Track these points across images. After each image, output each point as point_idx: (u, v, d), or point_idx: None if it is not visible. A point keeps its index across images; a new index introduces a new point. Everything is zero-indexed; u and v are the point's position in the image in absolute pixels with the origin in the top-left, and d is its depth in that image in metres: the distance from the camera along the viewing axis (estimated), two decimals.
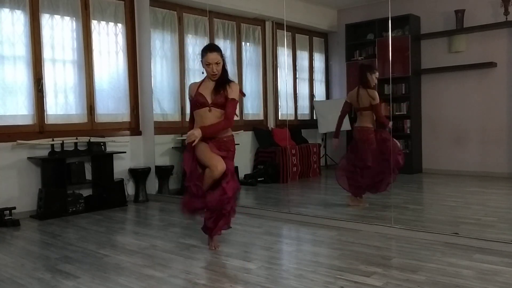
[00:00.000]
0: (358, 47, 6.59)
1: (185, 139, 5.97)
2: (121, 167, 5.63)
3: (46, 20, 5.07)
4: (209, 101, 3.33)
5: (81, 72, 5.36)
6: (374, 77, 4.75)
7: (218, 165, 3.24)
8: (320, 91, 7.30)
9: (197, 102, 3.36)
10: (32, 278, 2.96)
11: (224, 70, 3.40)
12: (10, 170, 4.77)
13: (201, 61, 3.36)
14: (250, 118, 7.02)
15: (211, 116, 3.33)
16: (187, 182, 3.46)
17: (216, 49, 3.34)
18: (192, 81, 6.30)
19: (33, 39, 4.94)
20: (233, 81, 3.42)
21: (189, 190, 3.44)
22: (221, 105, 3.33)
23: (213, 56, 3.29)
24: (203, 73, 3.45)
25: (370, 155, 4.71)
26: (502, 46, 5.57)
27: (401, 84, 6.21)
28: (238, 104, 3.41)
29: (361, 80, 4.79)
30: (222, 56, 3.35)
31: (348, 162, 4.92)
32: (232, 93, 3.34)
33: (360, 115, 4.81)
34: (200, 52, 3.39)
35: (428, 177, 6.27)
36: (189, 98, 3.54)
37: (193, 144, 3.25)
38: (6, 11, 4.78)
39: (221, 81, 3.36)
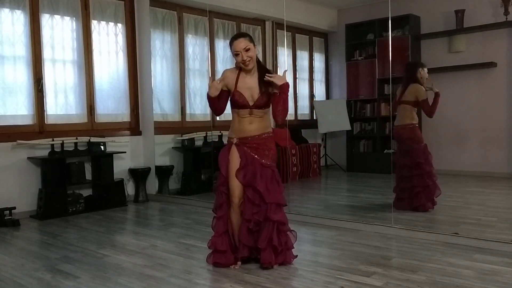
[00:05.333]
0: (358, 47, 6.59)
1: (185, 139, 6.07)
2: (121, 167, 5.63)
3: (46, 20, 5.07)
4: (250, 101, 2.98)
5: (81, 72, 5.35)
6: (426, 73, 4.66)
7: (235, 194, 2.98)
8: (320, 91, 7.30)
9: (237, 103, 3.00)
10: (32, 278, 2.96)
11: (259, 62, 3.06)
12: (10, 170, 4.77)
13: (231, 53, 3.02)
14: None
15: (250, 118, 3.00)
16: (219, 185, 3.09)
17: (243, 35, 2.98)
18: (191, 81, 6.43)
19: (33, 39, 4.94)
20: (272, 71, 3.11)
21: (217, 195, 3.11)
22: (264, 105, 3.00)
23: (240, 44, 2.93)
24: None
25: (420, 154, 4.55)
26: (502, 46, 5.56)
27: (401, 84, 6.20)
28: None
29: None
30: (252, 42, 2.96)
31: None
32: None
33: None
34: (229, 42, 3.02)
35: None
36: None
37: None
38: (6, 11, 4.78)
39: (264, 74, 2.99)
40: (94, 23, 5.48)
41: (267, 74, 2.97)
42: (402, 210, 4.34)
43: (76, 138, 5.16)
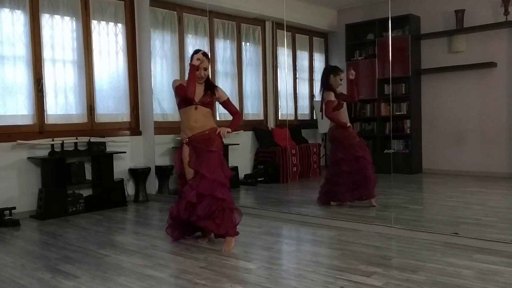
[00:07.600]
0: (358, 47, 6.60)
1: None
2: (121, 167, 5.63)
3: (46, 20, 5.07)
4: (196, 100, 3.56)
5: (81, 72, 5.36)
6: (338, 79, 4.94)
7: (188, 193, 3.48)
8: (320, 91, 7.30)
9: (185, 100, 3.57)
10: (32, 278, 2.96)
11: (208, 77, 3.66)
12: (10, 170, 4.77)
13: (190, 63, 3.58)
14: (250, 118, 7.02)
15: (196, 113, 3.56)
16: (179, 181, 3.68)
17: (207, 55, 3.58)
18: None
19: (33, 39, 4.94)
20: (218, 86, 3.77)
21: (180, 192, 3.63)
22: (207, 104, 3.60)
23: (203, 62, 3.53)
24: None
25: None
26: (502, 46, 5.57)
27: (401, 84, 6.21)
28: (234, 103, 3.75)
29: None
30: (209, 63, 3.61)
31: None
32: (224, 95, 3.71)
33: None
34: (191, 55, 3.58)
35: (428, 177, 6.27)
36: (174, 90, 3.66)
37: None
38: (6, 11, 4.78)
39: (209, 84, 3.66)
40: (94, 23, 5.48)
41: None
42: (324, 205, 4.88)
43: (76, 138, 5.16)
